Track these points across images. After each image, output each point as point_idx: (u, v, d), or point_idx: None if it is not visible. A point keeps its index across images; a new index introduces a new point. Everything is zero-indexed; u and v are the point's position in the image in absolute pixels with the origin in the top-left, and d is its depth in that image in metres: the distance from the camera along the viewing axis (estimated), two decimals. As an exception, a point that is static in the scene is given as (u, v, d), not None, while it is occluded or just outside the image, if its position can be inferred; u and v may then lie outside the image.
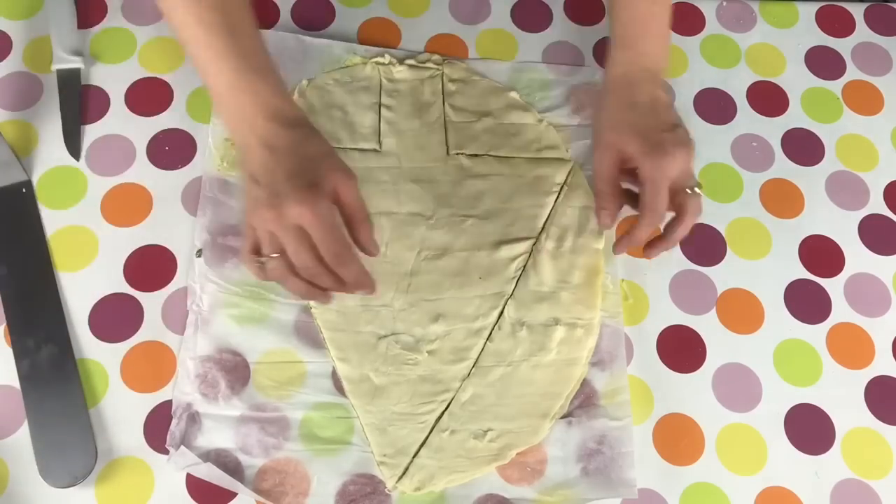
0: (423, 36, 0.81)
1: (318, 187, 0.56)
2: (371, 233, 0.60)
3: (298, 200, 0.55)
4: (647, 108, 0.66)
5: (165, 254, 0.69)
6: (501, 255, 0.70)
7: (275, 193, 0.56)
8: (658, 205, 0.63)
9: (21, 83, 0.75)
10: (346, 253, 0.58)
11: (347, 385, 0.65)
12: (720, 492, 0.64)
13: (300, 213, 0.55)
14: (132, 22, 0.79)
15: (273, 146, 0.58)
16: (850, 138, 0.80)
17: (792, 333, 0.70)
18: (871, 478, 0.65)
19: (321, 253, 0.57)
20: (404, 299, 0.68)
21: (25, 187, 0.70)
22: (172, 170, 0.72)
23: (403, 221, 0.71)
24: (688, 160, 0.64)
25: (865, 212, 0.76)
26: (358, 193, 0.59)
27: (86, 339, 0.65)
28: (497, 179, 0.74)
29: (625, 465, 0.63)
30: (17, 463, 0.60)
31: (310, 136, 0.60)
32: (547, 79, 0.80)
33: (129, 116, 0.74)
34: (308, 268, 0.57)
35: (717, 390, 0.67)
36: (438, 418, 0.64)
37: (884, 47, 0.85)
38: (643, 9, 0.69)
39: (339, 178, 0.58)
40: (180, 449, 0.60)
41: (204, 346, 0.64)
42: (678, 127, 0.66)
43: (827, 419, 0.67)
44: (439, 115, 0.76)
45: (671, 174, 0.63)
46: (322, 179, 0.57)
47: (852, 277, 0.73)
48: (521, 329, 0.68)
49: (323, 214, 0.56)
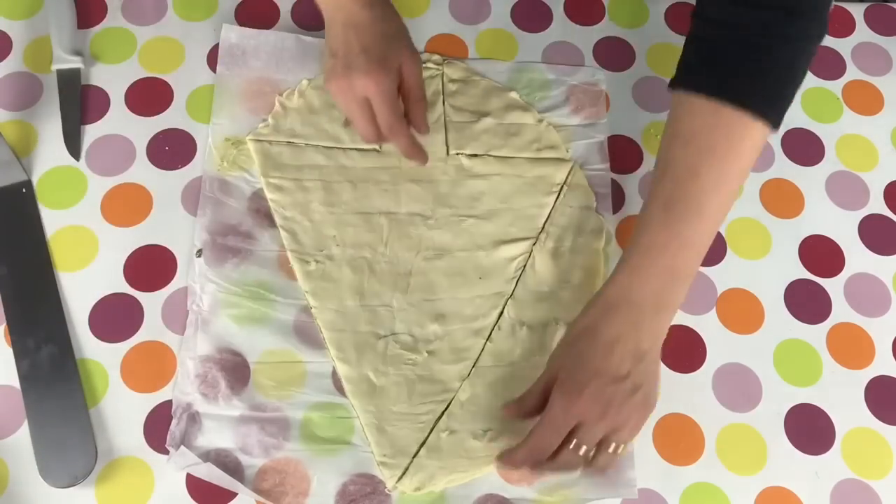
0: (423, 36, 0.81)
1: (386, 63, 0.64)
2: (425, 112, 0.69)
3: (365, 72, 0.64)
4: (606, 347, 0.58)
5: (165, 254, 0.69)
6: (501, 255, 0.70)
7: (347, 65, 0.64)
8: (538, 448, 0.58)
9: (21, 83, 0.75)
10: (398, 125, 0.66)
11: (347, 385, 0.65)
12: (720, 492, 0.64)
13: (365, 84, 0.64)
14: (132, 22, 0.79)
15: (354, 24, 0.65)
16: (850, 138, 0.80)
17: (792, 333, 0.70)
18: (871, 478, 0.65)
19: (378, 122, 0.66)
20: (404, 299, 0.68)
21: (25, 187, 0.70)
22: (172, 170, 0.72)
23: (403, 221, 0.71)
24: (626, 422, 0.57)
25: (865, 212, 0.76)
26: (420, 75, 0.68)
27: (86, 339, 0.65)
28: (497, 179, 0.74)
29: (624, 465, 0.63)
30: (17, 463, 0.60)
31: (386, 16, 0.67)
32: (547, 79, 0.80)
33: (129, 116, 0.74)
34: (366, 136, 0.67)
35: (717, 390, 0.67)
36: (438, 418, 0.64)
37: (884, 47, 0.85)
38: (660, 239, 0.59)
39: (405, 57, 0.66)
40: (180, 449, 0.60)
41: (204, 346, 0.65)
42: (638, 388, 0.57)
43: (827, 419, 0.67)
44: (439, 115, 0.76)
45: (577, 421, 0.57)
46: (391, 56, 0.65)
47: (852, 277, 0.73)
48: (520, 329, 0.68)
49: (384, 88, 0.64)
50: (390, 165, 0.73)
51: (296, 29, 0.80)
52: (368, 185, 0.72)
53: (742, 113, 0.58)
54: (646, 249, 0.59)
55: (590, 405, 0.56)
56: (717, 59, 0.60)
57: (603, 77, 0.80)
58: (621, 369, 0.57)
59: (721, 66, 0.60)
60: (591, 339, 0.58)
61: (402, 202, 0.72)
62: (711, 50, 0.61)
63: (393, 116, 0.66)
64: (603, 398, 0.56)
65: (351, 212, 0.71)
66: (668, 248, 0.59)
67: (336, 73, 0.65)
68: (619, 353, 0.57)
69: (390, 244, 0.70)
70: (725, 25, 0.60)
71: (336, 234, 0.70)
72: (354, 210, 0.71)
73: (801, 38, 0.59)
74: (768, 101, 0.59)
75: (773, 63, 0.59)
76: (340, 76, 0.65)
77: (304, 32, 0.79)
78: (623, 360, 0.57)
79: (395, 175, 0.73)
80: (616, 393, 0.56)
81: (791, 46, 0.59)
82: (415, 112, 0.68)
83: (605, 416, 0.57)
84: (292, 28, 0.80)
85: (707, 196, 0.59)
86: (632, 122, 0.78)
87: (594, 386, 0.56)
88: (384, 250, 0.70)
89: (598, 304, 0.60)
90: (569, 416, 0.57)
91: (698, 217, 0.59)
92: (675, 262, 0.59)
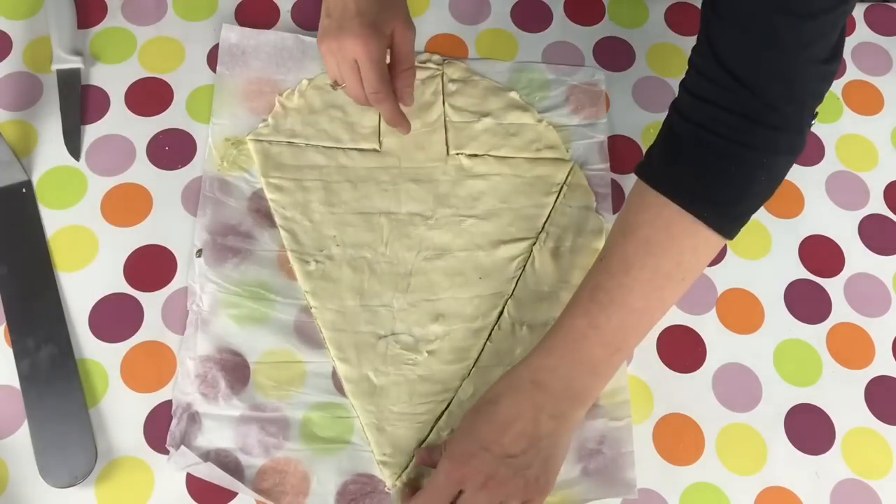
0: (423, 36, 0.81)
1: (379, 28, 0.64)
2: (412, 82, 0.69)
3: (357, 35, 0.64)
4: (501, 425, 0.56)
5: (165, 254, 0.69)
6: (501, 254, 0.70)
7: (340, 26, 0.64)
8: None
9: (21, 83, 0.75)
10: (383, 91, 0.67)
11: (347, 385, 0.65)
12: (720, 492, 0.64)
13: (354, 46, 0.64)
14: (132, 22, 0.79)
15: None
16: (850, 138, 0.80)
17: (792, 333, 0.70)
18: (871, 478, 0.65)
19: (364, 86, 0.66)
20: (404, 299, 0.68)
21: (25, 187, 0.70)
22: (172, 170, 0.72)
23: (403, 221, 0.71)
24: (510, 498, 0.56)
25: (865, 212, 0.76)
26: (412, 44, 0.68)
27: (86, 339, 0.65)
28: (497, 179, 0.74)
29: (625, 465, 0.63)
30: (17, 463, 0.60)
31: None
32: (547, 79, 0.80)
33: (129, 116, 0.74)
34: (355, 97, 0.68)
35: (717, 390, 0.67)
36: (438, 418, 0.64)
37: (884, 47, 0.85)
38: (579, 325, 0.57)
39: (398, 25, 0.66)
40: (180, 449, 0.60)
41: (204, 346, 0.64)
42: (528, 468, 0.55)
43: (827, 419, 0.67)
44: (439, 115, 0.76)
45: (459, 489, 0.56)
46: (384, 23, 0.65)
47: (852, 277, 0.73)
48: (521, 329, 0.68)
49: (373, 52, 0.64)
50: (390, 165, 0.73)
51: (296, 29, 0.80)
52: (368, 185, 0.72)
53: (686, 214, 0.56)
54: (564, 333, 0.58)
55: (471, 474, 0.55)
56: (677, 155, 0.58)
57: (603, 77, 0.80)
58: (513, 448, 0.55)
59: (677, 164, 0.58)
60: (489, 413, 0.57)
61: (402, 202, 0.72)
62: (675, 145, 0.58)
63: (379, 82, 0.66)
64: (485, 470, 0.55)
65: (351, 212, 0.71)
66: (586, 339, 0.57)
67: (328, 34, 0.65)
68: (515, 432, 0.55)
69: (390, 244, 0.70)
70: (693, 123, 0.57)
71: (336, 234, 0.70)
72: (354, 210, 0.71)
73: (768, 151, 0.56)
74: (715, 208, 0.56)
75: (732, 171, 0.56)
76: (332, 37, 0.65)
77: (304, 32, 0.79)
78: (517, 440, 0.55)
79: (395, 175, 0.73)
80: (501, 467, 0.55)
81: (754, 156, 0.56)
82: (402, 81, 0.69)
83: (486, 487, 0.55)
84: (292, 28, 0.80)
85: (633, 292, 0.57)
86: (632, 122, 0.78)
87: (480, 458, 0.55)
88: (384, 250, 0.70)
89: (506, 379, 0.58)
90: (451, 480, 0.56)
91: (620, 310, 0.57)
92: (591, 354, 0.57)
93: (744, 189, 0.57)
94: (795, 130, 0.57)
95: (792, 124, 0.56)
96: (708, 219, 0.56)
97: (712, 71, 0.56)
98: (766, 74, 0.54)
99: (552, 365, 0.57)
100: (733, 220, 0.58)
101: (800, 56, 0.54)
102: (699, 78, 0.57)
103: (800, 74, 0.55)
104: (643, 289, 0.57)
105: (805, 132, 0.57)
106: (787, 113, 0.56)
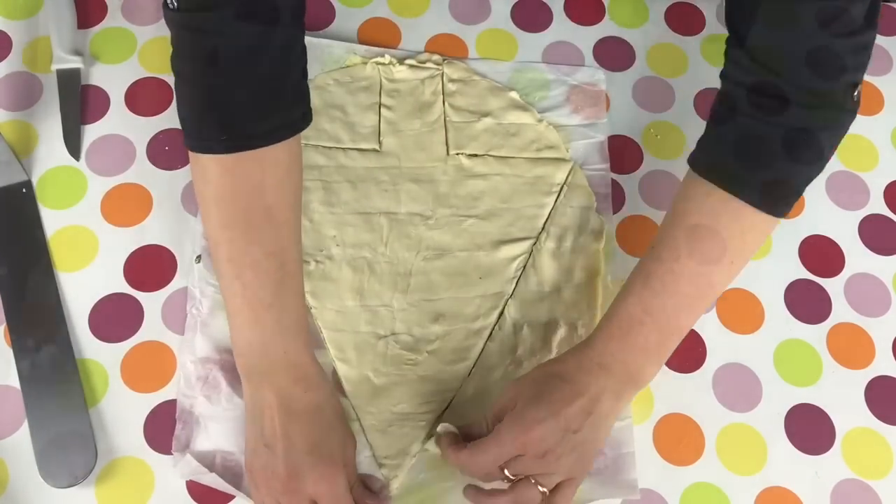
0: (423, 36, 0.81)
1: (337, 460, 0.58)
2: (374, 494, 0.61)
3: (318, 477, 0.56)
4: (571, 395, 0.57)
5: (165, 254, 0.69)
6: (501, 255, 0.70)
7: (293, 466, 0.56)
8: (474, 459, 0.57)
9: (21, 83, 0.75)
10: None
11: (347, 385, 0.65)
12: (720, 492, 0.64)
13: (316, 490, 0.56)
14: (132, 22, 0.79)
15: (293, 410, 0.57)
16: (850, 138, 0.78)
17: (792, 333, 0.70)
18: (871, 478, 0.65)
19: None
20: (404, 299, 0.68)
21: (25, 187, 0.70)
22: (172, 170, 0.72)
23: (403, 221, 0.71)
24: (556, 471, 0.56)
25: (865, 212, 0.76)
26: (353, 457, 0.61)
27: (86, 339, 0.65)
28: (497, 179, 0.74)
29: (626, 465, 0.63)
30: (17, 463, 0.60)
31: (328, 398, 0.60)
32: (547, 79, 0.80)
33: (129, 116, 0.74)
34: None
35: (717, 390, 0.67)
36: (438, 418, 0.64)
37: (884, 47, 0.85)
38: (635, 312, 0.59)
39: (348, 445, 0.60)
40: (186, 457, 0.60)
41: (204, 348, 0.64)
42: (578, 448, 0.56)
43: (827, 419, 0.67)
44: (439, 115, 0.76)
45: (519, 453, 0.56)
46: (336, 451, 0.58)
47: (852, 277, 0.73)
48: (521, 329, 0.68)
49: (339, 493, 0.57)
50: (390, 165, 0.73)
51: (296, 29, 0.80)
52: (368, 185, 0.72)
53: (732, 198, 0.58)
54: (620, 321, 0.59)
55: (535, 443, 0.55)
56: (719, 142, 0.60)
57: (603, 77, 0.80)
58: (575, 423, 0.56)
59: (718, 150, 0.59)
60: (560, 382, 0.57)
61: (402, 202, 0.72)
62: (717, 132, 0.60)
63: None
64: (549, 440, 0.55)
65: (351, 212, 0.71)
66: (643, 325, 0.58)
67: (278, 476, 0.56)
68: (579, 406, 0.56)
69: (390, 244, 0.70)
70: (732, 108, 0.59)
71: (336, 234, 0.70)
72: (354, 210, 0.71)
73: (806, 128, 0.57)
74: (759, 188, 0.57)
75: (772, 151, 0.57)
76: (285, 479, 0.56)
77: (304, 32, 0.79)
78: (579, 415, 0.56)
79: (395, 175, 0.73)
80: (561, 441, 0.56)
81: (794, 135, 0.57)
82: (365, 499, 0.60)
83: (544, 458, 0.56)
84: (292, 28, 0.80)
85: (683, 278, 0.58)
86: (632, 122, 0.78)
87: (546, 426, 0.55)
88: (384, 250, 0.70)
89: (575, 356, 0.59)
90: (516, 443, 0.56)
91: (673, 297, 0.58)
92: (647, 340, 0.58)
93: (785, 168, 0.58)
94: (833, 105, 0.57)
95: (828, 100, 0.57)
96: (753, 201, 0.57)
97: (741, 59, 0.58)
98: (790, 58, 0.56)
99: (613, 350, 0.59)
100: (779, 198, 0.59)
101: (822, 35, 0.55)
102: (732, 66, 0.59)
103: (825, 52, 0.56)
104: (692, 275, 0.59)
105: (847, 104, 0.58)
106: (821, 90, 0.57)
